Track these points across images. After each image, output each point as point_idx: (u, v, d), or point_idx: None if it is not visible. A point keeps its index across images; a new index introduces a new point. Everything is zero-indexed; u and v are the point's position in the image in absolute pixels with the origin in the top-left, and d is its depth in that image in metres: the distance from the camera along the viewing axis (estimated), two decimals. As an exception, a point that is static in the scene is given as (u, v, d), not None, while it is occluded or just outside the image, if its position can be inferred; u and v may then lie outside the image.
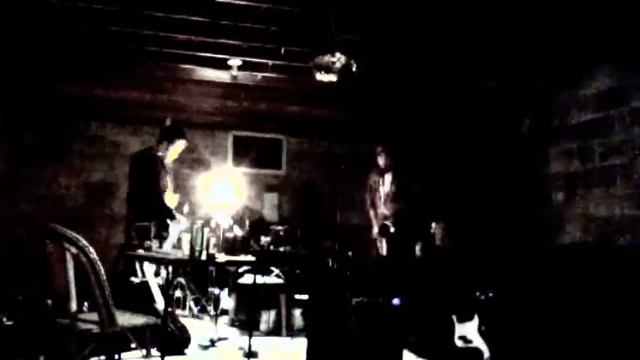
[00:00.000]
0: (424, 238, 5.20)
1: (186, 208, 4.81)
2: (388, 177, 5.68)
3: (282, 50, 4.42)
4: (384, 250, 5.38)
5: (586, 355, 3.85)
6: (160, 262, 4.07)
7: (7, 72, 5.11)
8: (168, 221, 4.35)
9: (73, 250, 2.92)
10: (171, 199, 4.60)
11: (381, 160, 5.70)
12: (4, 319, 3.94)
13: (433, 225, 5.20)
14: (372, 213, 5.77)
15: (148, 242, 4.02)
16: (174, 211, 4.44)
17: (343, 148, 7.21)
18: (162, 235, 4.28)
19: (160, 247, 4.11)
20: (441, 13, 3.78)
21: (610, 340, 3.74)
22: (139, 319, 3.27)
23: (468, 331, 4.10)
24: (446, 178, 6.06)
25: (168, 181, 4.62)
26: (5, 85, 5.39)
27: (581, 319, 4.01)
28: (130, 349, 3.79)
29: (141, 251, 3.80)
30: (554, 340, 4.11)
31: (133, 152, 6.17)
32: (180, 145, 4.71)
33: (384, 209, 5.62)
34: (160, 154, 4.60)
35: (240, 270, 5.28)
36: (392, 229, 5.41)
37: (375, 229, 5.66)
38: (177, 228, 4.41)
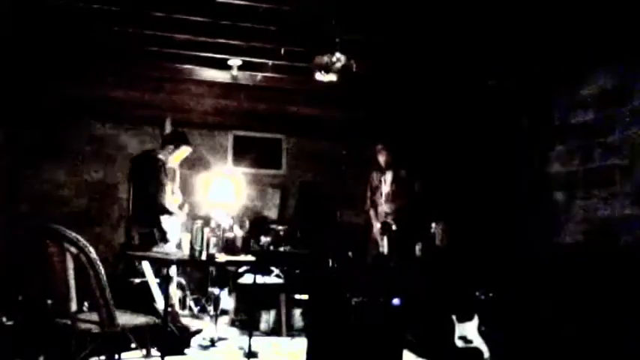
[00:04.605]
0: (424, 238, 5.19)
1: (186, 208, 4.81)
2: (389, 175, 5.65)
3: (282, 50, 4.41)
4: (385, 249, 5.36)
5: (586, 354, 3.85)
6: (160, 262, 4.08)
7: (7, 72, 5.11)
8: (164, 223, 4.34)
9: (73, 250, 2.92)
10: (174, 201, 4.60)
11: (381, 158, 5.65)
12: (4, 319, 3.94)
13: (433, 225, 5.19)
14: (372, 212, 5.75)
15: (155, 248, 4.06)
16: (169, 208, 4.42)
17: (343, 148, 7.20)
18: (165, 239, 4.30)
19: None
20: (441, 13, 3.78)
21: (610, 340, 3.74)
22: (139, 319, 3.28)
23: (468, 331, 4.10)
24: (446, 178, 6.06)
25: (170, 185, 4.61)
26: (5, 84, 5.39)
27: (582, 318, 4.01)
28: (130, 349, 3.79)
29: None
30: (554, 340, 4.11)
31: (133, 153, 6.22)
32: (184, 151, 4.73)
33: (385, 207, 5.60)
34: (161, 157, 4.59)
35: (240, 270, 5.28)
36: (394, 227, 5.39)
37: (377, 228, 5.63)
38: (177, 228, 4.42)
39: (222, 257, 3.66)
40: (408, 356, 4.22)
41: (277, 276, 5.32)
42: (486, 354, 4.03)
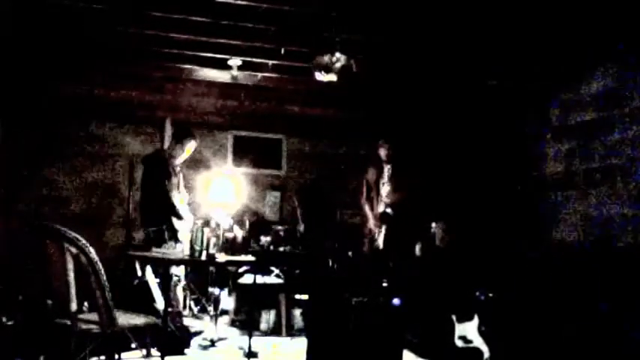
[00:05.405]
0: (424, 237, 5.19)
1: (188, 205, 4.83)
2: (388, 169, 5.61)
3: (282, 50, 4.42)
4: (380, 242, 5.32)
5: (586, 354, 3.85)
6: (160, 262, 4.08)
7: (7, 72, 5.11)
8: (175, 223, 4.38)
9: (73, 250, 2.92)
10: (181, 199, 4.63)
11: (382, 152, 5.60)
12: (4, 319, 3.94)
13: (433, 225, 5.19)
14: (367, 207, 5.69)
15: (162, 246, 4.07)
16: (179, 210, 4.46)
17: (343, 148, 7.20)
18: (176, 238, 4.32)
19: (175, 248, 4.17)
20: (441, 13, 3.78)
21: (610, 340, 3.74)
22: (139, 319, 3.27)
23: (468, 331, 4.09)
24: (446, 178, 6.06)
25: (178, 184, 4.64)
26: (5, 85, 5.39)
27: (582, 318, 4.01)
28: (130, 349, 3.79)
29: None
30: (554, 340, 4.11)
31: (133, 153, 6.24)
32: (192, 146, 4.78)
33: (385, 199, 5.54)
34: (172, 155, 4.66)
35: (240, 270, 5.28)
36: (391, 214, 5.34)
37: (371, 223, 5.56)
38: (187, 229, 4.43)
39: (222, 257, 3.66)
40: (408, 356, 4.22)
41: (277, 276, 5.31)
42: (486, 354, 4.03)
